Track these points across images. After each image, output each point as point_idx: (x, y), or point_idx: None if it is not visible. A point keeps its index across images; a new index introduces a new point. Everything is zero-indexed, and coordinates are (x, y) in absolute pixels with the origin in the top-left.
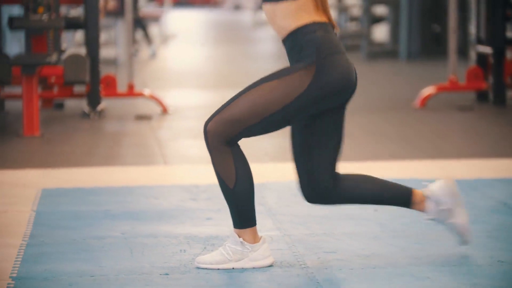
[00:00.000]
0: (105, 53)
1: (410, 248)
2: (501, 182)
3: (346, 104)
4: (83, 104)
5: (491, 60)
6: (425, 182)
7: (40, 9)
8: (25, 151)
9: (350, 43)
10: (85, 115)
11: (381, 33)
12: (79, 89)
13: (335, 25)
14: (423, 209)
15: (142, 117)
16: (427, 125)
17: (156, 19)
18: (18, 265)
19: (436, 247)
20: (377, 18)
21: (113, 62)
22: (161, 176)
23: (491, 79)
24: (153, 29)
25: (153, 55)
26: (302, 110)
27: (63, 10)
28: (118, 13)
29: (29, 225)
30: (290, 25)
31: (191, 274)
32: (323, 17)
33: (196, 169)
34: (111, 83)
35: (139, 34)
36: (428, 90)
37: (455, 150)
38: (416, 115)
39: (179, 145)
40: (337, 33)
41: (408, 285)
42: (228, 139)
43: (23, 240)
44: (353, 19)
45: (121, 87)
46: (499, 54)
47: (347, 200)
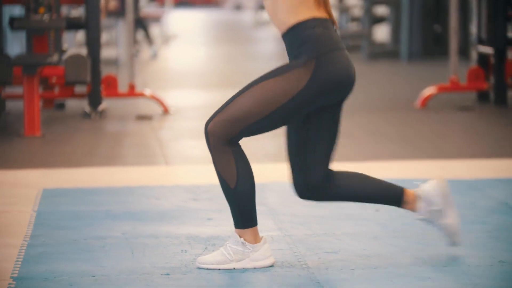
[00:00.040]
0: (106, 53)
1: (411, 249)
2: (502, 182)
3: (343, 101)
4: (84, 104)
5: (492, 60)
6: (417, 182)
7: (41, 10)
8: (26, 151)
9: (351, 43)
10: (86, 115)
11: (382, 33)
12: (80, 89)
13: (335, 21)
14: (414, 209)
15: (143, 117)
16: (428, 125)
17: (157, 19)
18: (19, 265)
19: (437, 247)
20: (378, 19)
21: (114, 62)
22: (162, 176)
23: (492, 79)
24: (154, 29)
25: (154, 55)
26: (302, 107)
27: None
28: (119, 13)
29: (29, 225)
30: (290, 20)
31: (192, 274)
32: (323, 13)
33: (197, 169)
34: (112, 83)
35: (140, 34)
36: (429, 90)
37: (455, 150)
38: (417, 115)
39: (180, 145)
40: (336, 30)
41: (409, 285)
42: (229, 138)
43: (23, 240)
44: (354, 19)
45: (122, 87)
46: (500, 54)
47: (339, 197)
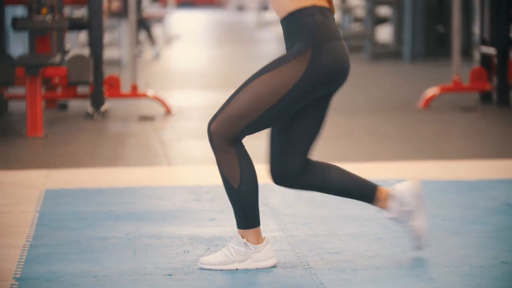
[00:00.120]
0: (108, 54)
1: (413, 249)
2: (504, 183)
3: (334, 93)
4: (86, 105)
5: (495, 61)
6: (392, 181)
7: (44, 10)
8: (28, 151)
9: (354, 44)
10: (88, 116)
11: (384, 34)
12: (82, 89)
13: (334, 10)
14: (386, 207)
15: (145, 118)
16: (430, 125)
17: (159, 20)
18: (21, 266)
19: (439, 248)
20: (380, 19)
21: (116, 63)
22: (165, 177)
23: (495, 80)
24: (156, 30)
25: (156, 56)
26: (301, 98)
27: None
28: (121, 14)
29: (32, 225)
30: (291, 5)
31: (195, 275)
32: (323, 1)
33: (200, 170)
34: (114, 84)
35: (142, 35)
36: (432, 91)
37: (458, 151)
38: (420, 115)
39: (182, 146)
40: (334, 18)
41: (412, 286)
42: (232, 137)
43: (26, 240)
44: (357, 20)
45: (125, 88)
46: (503, 55)
47: (313, 187)
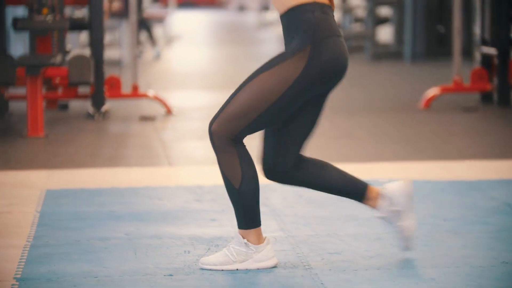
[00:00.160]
0: (109, 54)
1: (414, 249)
2: (504, 183)
3: (331, 91)
4: (87, 105)
5: (495, 61)
6: (384, 181)
7: (45, 10)
8: (29, 152)
9: (355, 44)
10: (89, 116)
11: (385, 34)
12: (83, 90)
13: (334, 7)
14: (375, 206)
15: (146, 118)
16: (431, 126)
17: (160, 20)
18: (22, 266)
19: (440, 248)
20: (381, 19)
21: (117, 63)
22: (165, 177)
23: (495, 80)
24: (157, 30)
25: (157, 56)
26: (301, 95)
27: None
28: (122, 14)
29: (33, 226)
30: (290, 1)
31: (195, 275)
32: None
33: (201, 170)
34: (115, 84)
35: (143, 35)
36: (433, 91)
37: (459, 151)
38: (421, 116)
39: (183, 146)
40: (334, 15)
41: (413, 286)
42: (233, 137)
43: (27, 241)
44: (358, 20)
45: (125, 88)
46: (503, 55)
47: (303, 183)
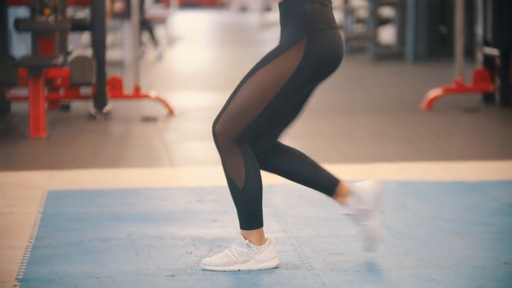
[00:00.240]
0: (111, 55)
1: (416, 250)
2: (506, 184)
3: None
4: (89, 106)
5: (497, 61)
6: (357, 181)
7: (47, 11)
8: (31, 152)
9: (357, 44)
10: (91, 117)
11: (387, 35)
12: (85, 90)
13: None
14: (344, 203)
15: (148, 119)
16: (433, 126)
17: (162, 21)
18: (24, 267)
19: (442, 248)
20: (383, 20)
21: (119, 64)
22: (167, 178)
23: (497, 81)
24: (159, 31)
25: (159, 57)
26: (300, 87)
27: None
28: (124, 15)
29: (35, 226)
30: None
31: (197, 276)
32: None
33: (202, 171)
34: (117, 85)
35: (145, 36)
36: (435, 92)
37: (460, 152)
38: (423, 117)
39: (185, 147)
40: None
41: (414, 287)
42: (237, 137)
43: (29, 242)
44: (360, 21)
45: (127, 89)
46: (506, 55)
47: (277, 171)
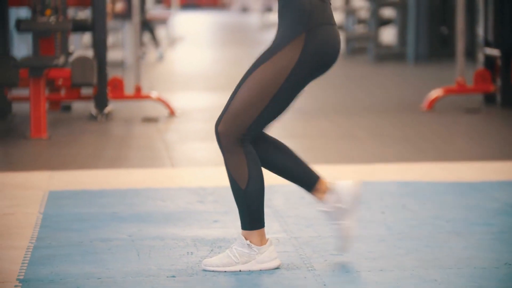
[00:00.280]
0: (112, 55)
1: (417, 251)
2: (507, 185)
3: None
4: (90, 107)
5: (499, 62)
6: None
7: (48, 12)
8: (32, 153)
9: (358, 45)
10: (92, 118)
11: (388, 35)
12: (86, 91)
13: None
14: (322, 199)
15: (149, 120)
16: (434, 127)
17: (163, 21)
18: (25, 268)
19: (443, 249)
20: (384, 21)
21: (120, 64)
22: (168, 178)
23: (499, 81)
24: (160, 31)
25: (160, 58)
26: (300, 83)
27: (70, 12)
28: (125, 15)
29: (36, 227)
30: None
31: (198, 277)
32: None
33: (203, 171)
34: (118, 85)
35: (146, 36)
36: (436, 93)
37: (462, 153)
38: (424, 117)
39: (186, 147)
40: (330, 3)
41: (415, 287)
42: (241, 136)
43: (30, 242)
44: (361, 21)
45: (128, 90)
46: (506, 56)
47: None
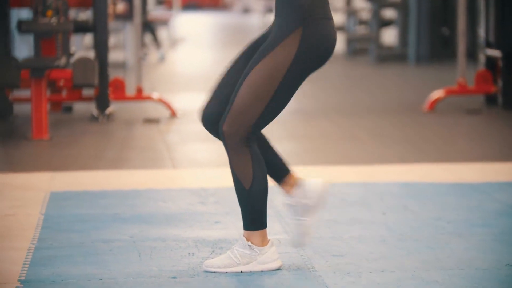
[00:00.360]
0: (113, 56)
1: (418, 252)
2: (508, 186)
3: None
4: (91, 108)
5: (500, 63)
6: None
7: (49, 13)
8: (33, 154)
9: (359, 46)
10: (93, 119)
11: (390, 36)
12: (87, 92)
13: None
14: (289, 192)
15: (150, 121)
16: (435, 128)
17: (164, 22)
18: (26, 269)
19: (444, 250)
20: (386, 22)
21: (121, 65)
22: (170, 179)
23: (500, 82)
24: (161, 32)
25: (161, 59)
26: (300, 77)
27: (72, 13)
28: (126, 16)
29: (37, 228)
30: None
31: (200, 278)
32: None
33: (205, 172)
34: (119, 86)
35: (147, 37)
36: (437, 94)
37: (463, 154)
38: (425, 118)
39: (187, 148)
40: None
41: None
42: (246, 135)
43: (31, 243)
44: (362, 22)
45: (130, 91)
46: (508, 57)
47: None
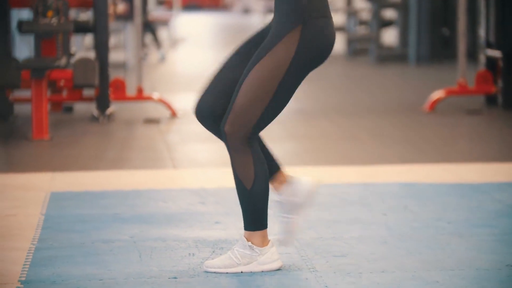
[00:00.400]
0: (114, 56)
1: (419, 252)
2: (509, 186)
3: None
4: (92, 108)
5: (500, 63)
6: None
7: (49, 13)
8: (34, 154)
9: (359, 46)
10: (94, 119)
11: (390, 36)
12: (88, 92)
13: None
14: (278, 189)
15: (151, 121)
16: (435, 129)
17: (165, 22)
18: (26, 269)
19: (444, 250)
20: (386, 22)
21: (122, 65)
22: (170, 179)
23: (500, 82)
24: (162, 32)
25: (162, 59)
26: (300, 74)
27: (72, 13)
28: (127, 16)
29: (37, 228)
30: None
31: (200, 278)
32: None
33: (205, 172)
34: (120, 86)
35: (148, 37)
36: (437, 94)
37: (463, 154)
38: (425, 119)
39: (188, 148)
40: None
41: None
42: (248, 135)
43: (31, 243)
44: (362, 23)
45: (130, 91)
46: (508, 57)
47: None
